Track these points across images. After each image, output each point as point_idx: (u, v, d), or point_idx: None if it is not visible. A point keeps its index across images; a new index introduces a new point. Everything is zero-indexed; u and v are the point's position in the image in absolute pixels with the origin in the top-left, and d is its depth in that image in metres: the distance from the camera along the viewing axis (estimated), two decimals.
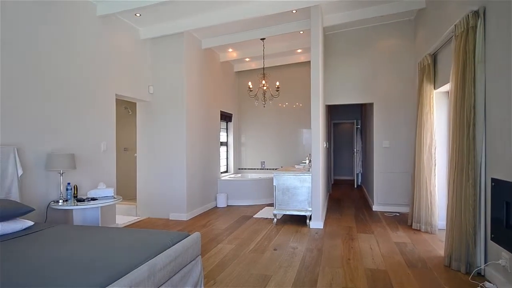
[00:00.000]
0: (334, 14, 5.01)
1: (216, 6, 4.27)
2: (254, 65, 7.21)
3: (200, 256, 2.31)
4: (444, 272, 2.83)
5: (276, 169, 6.91)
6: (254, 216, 5.20)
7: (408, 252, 3.37)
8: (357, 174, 9.02)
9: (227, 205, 6.18)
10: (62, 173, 3.30)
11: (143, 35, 4.88)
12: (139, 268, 1.65)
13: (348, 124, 10.59)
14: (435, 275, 2.77)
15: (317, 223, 4.43)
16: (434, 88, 4.11)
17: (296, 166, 5.56)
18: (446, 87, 3.83)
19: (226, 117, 7.05)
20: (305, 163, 5.74)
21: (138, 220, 4.98)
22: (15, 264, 1.69)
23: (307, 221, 4.53)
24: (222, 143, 7.01)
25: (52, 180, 3.36)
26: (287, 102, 7.40)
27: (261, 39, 5.59)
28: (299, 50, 6.40)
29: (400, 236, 3.97)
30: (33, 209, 2.59)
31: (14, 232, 2.35)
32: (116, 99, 4.41)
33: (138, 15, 4.35)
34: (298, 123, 7.35)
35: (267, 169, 7.51)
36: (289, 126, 7.42)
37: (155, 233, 2.27)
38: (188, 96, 5.15)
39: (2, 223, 2.33)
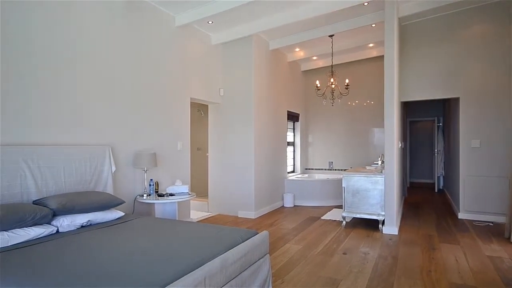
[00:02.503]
0: (411, 3, 4.60)
1: (284, 6, 4.27)
2: (321, 63, 7.05)
3: (268, 254, 2.35)
4: None
5: (345, 170, 6.64)
6: (321, 218, 5.08)
7: (505, 268, 2.91)
8: (438, 177, 8.13)
9: (294, 205, 6.16)
10: (146, 170, 3.68)
11: (214, 40, 5.15)
12: (212, 261, 1.75)
13: (427, 122, 9.62)
14: None
15: (391, 229, 4.12)
16: None
17: (367, 167, 5.26)
18: None
19: (293, 117, 7.03)
20: (377, 164, 5.39)
21: (209, 216, 5.28)
22: (110, 250, 1.94)
23: (380, 225, 4.24)
24: (289, 143, 7.00)
25: (138, 176, 3.77)
26: (357, 100, 7.05)
27: (329, 36, 5.43)
28: (370, 45, 6.04)
29: (495, 249, 3.45)
30: (123, 202, 2.95)
31: (110, 221, 2.71)
32: (190, 102, 4.75)
33: (210, 22, 4.61)
34: (369, 121, 6.95)
35: (335, 169, 7.26)
36: (359, 125, 7.06)
37: (226, 229, 2.38)
38: (256, 97, 5.28)
39: (102, 212, 2.72)
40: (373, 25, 5.05)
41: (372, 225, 4.50)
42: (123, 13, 3.61)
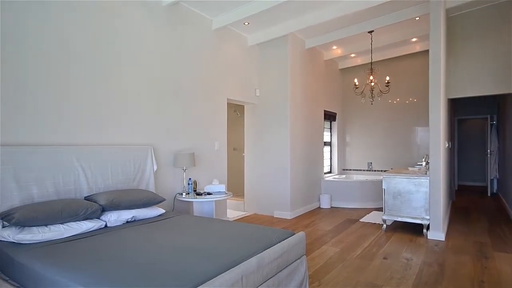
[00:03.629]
0: None
1: (322, 3, 4.18)
2: (360, 61, 6.82)
3: (305, 256, 2.32)
4: None
5: (385, 171, 6.37)
6: (360, 220, 4.91)
7: None
8: (492, 180, 7.49)
9: (331, 206, 6.02)
10: (185, 170, 3.81)
11: (250, 41, 5.20)
12: (249, 260, 1.76)
13: (478, 120, 8.91)
14: None
15: (436, 234, 3.87)
16: None
17: (410, 169, 4.99)
18: None
19: (330, 117, 6.88)
20: (421, 165, 5.09)
21: (245, 215, 5.34)
22: (153, 245, 2.03)
23: (424, 230, 4.01)
24: (325, 143, 6.86)
25: (178, 175, 3.92)
26: (399, 98, 6.72)
27: (368, 32, 5.23)
28: (413, 39, 5.72)
29: None
30: (164, 199, 3.09)
31: (152, 217, 2.85)
32: (227, 102, 4.84)
33: (246, 23, 4.66)
34: (411, 120, 6.59)
35: (375, 170, 6.98)
36: (400, 124, 6.72)
37: (262, 229, 2.39)
38: (292, 96, 5.24)
39: (145, 208, 2.86)
40: (417, 18, 4.78)
41: (415, 229, 4.26)
42: (163, 17, 3.77)
